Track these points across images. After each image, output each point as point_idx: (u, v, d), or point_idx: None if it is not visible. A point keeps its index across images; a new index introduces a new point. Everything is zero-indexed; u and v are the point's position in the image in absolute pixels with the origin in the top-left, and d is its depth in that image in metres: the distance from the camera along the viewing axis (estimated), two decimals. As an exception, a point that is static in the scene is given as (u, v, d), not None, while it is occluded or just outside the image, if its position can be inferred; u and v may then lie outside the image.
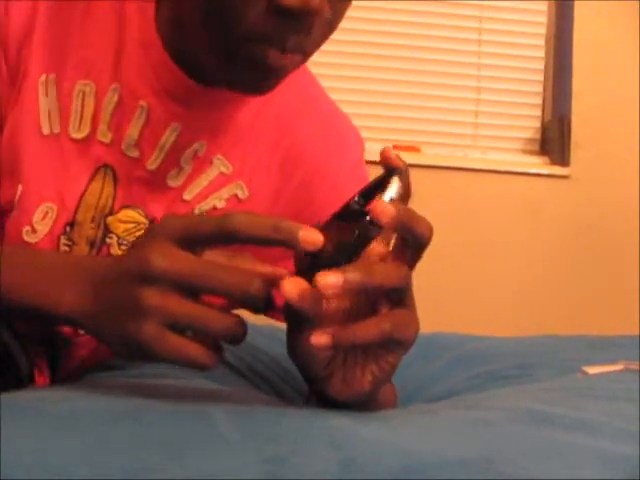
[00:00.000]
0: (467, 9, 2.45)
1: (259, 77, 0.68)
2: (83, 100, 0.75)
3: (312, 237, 0.49)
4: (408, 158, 2.42)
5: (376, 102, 2.41)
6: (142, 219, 0.78)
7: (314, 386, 0.57)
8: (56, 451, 0.39)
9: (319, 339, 0.50)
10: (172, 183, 0.78)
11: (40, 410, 0.46)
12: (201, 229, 0.51)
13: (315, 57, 0.80)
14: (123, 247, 0.78)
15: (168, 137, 0.76)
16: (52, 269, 0.59)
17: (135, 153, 0.76)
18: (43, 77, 0.74)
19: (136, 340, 0.51)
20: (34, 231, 0.76)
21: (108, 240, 0.77)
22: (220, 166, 0.79)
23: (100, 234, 0.77)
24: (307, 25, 0.64)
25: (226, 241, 0.51)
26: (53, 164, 0.76)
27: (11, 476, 0.36)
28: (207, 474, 0.38)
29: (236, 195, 0.81)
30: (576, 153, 2.40)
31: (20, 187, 0.75)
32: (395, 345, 0.53)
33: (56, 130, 0.75)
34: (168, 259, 0.50)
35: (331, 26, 0.69)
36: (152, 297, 0.50)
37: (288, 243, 0.49)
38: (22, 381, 0.79)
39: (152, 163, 0.77)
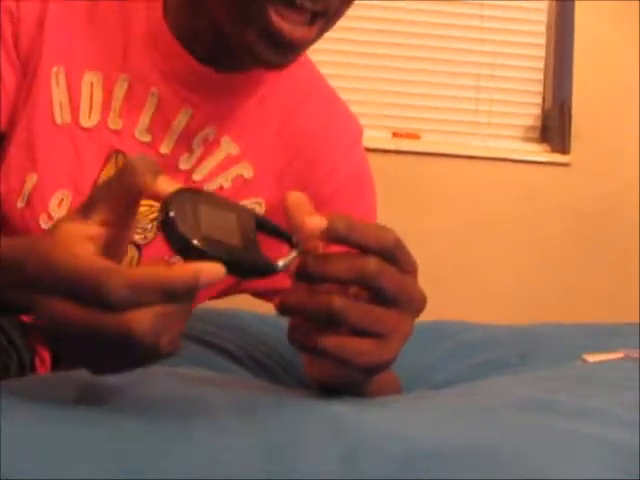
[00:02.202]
0: (468, -5, 2.44)
1: (272, 48, 0.70)
2: (92, 91, 0.78)
3: (210, 274, 0.43)
4: (408, 145, 2.43)
5: (376, 89, 2.40)
6: (153, 201, 0.79)
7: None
8: (56, 451, 0.39)
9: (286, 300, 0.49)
10: (183, 166, 0.80)
11: (40, 410, 0.46)
12: (81, 290, 0.43)
13: (315, 44, 0.80)
14: (137, 230, 0.79)
15: (180, 121, 0.79)
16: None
17: (147, 138, 0.79)
18: (55, 69, 0.77)
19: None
20: (50, 218, 0.77)
21: None
22: (228, 148, 0.82)
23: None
24: None
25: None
26: (66, 152, 0.78)
27: (11, 476, 0.36)
28: (208, 460, 0.38)
29: (242, 175, 0.83)
30: (576, 141, 2.39)
31: (35, 176, 0.77)
32: (337, 363, 0.50)
33: (67, 120, 0.78)
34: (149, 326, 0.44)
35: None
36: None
37: (181, 297, 0.43)
38: (24, 370, 0.79)
39: (165, 147, 0.79)
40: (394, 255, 0.50)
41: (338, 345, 0.49)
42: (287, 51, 0.71)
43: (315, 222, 0.48)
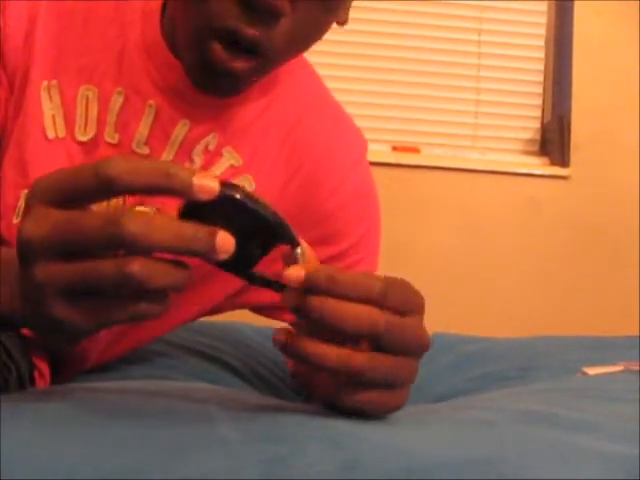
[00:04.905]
0: (467, 10, 2.45)
1: (212, 78, 0.70)
2: (87, 104, 0.77)
3: (208, 185, 0.43)
4: (408, 159, 2.44)
5: (376, 103, 2.41)
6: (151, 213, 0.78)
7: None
8: (56, 451, 0.39)
9: (279, 336, 0.47)
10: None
11: (40, 410, 0.46)
12: (76, 183, 0.44)
13: (314, 57, 0.80)
14: None
15: (179, 132, 0.78)
16: None
17: (145, 150, 0.78)
18: (45, 83, 0.76)
19: (53, 321, 0.45)
20: None
21: None
22: (230, 158, 0.81)
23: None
24: (268, 21, 0.65)
25: (108, 194, 0.44)
26: (60, 167, 0.76)
27: (11, 476, 0.36)
28: (207, 474, 0.38)
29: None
30: (576, 154, 2.40)
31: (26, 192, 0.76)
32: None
33: (61, 134, 0.77)
34: (36, 227, 0.45)
35: (300, 32, 0.70)
36: (37, 273, 0.45)
37: (181, 192, 0.43)
38: (23, 384, 0.79)
39: (165, 158, 0.78)
40: (385, 302, 0.47)
41: (355, 400, 0.48)
42: (224, 80, 0.70)
43: (294, 273, 0.46)
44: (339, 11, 0.73)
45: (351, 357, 0.46)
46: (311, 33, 0.71)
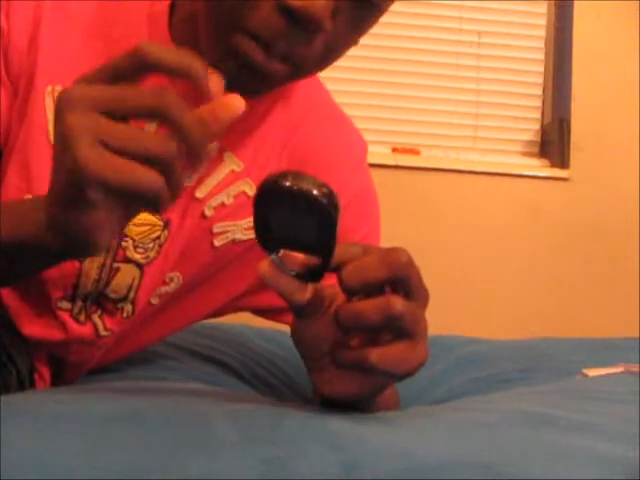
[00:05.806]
0: (466, 12, 2.45)
1: (247, 78, 0.69)
2: None
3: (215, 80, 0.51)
4: (408, 161, 2.44)
5: (375, 104, 2.41)
6: (156, 221, 0.78)
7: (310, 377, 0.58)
8: (56, 451, 0.39)
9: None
10: (186, 182, 0.78)
11: (40, 410, 0.46)
12: (115, 63, 0.51)
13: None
14: (139, 250, 0.78)
15: None
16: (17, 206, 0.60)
17: None
18: (49, 88, 0.75)
19: (72, 169, 0.47)
20: None
21: (124, 244, 0.77)
22: (231, 164, 0.80)
23: (115, 239, 0.77)
24: (307, 34, 0.65)
25: (141, 67, 0.50)
26: None
27: (11, 476, 0.36)
28: (206, 475, 0.38)
29: (244, 192, 0.81)
30: (576, 155, 2.40)
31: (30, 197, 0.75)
32: (382, 375, 0.52)
33: None
34: (78, 88, 0.49)
35: (333, 49, 0.70)
36: (76, 120, 0.47)
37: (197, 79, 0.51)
38: (23, 386, 0.79)
39: None
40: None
41: (383, 357, 0.50)
42: (258, 81, 0.69)
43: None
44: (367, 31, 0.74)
45: (389, 302, 0.50)
46: (342, 50, 0.72)
